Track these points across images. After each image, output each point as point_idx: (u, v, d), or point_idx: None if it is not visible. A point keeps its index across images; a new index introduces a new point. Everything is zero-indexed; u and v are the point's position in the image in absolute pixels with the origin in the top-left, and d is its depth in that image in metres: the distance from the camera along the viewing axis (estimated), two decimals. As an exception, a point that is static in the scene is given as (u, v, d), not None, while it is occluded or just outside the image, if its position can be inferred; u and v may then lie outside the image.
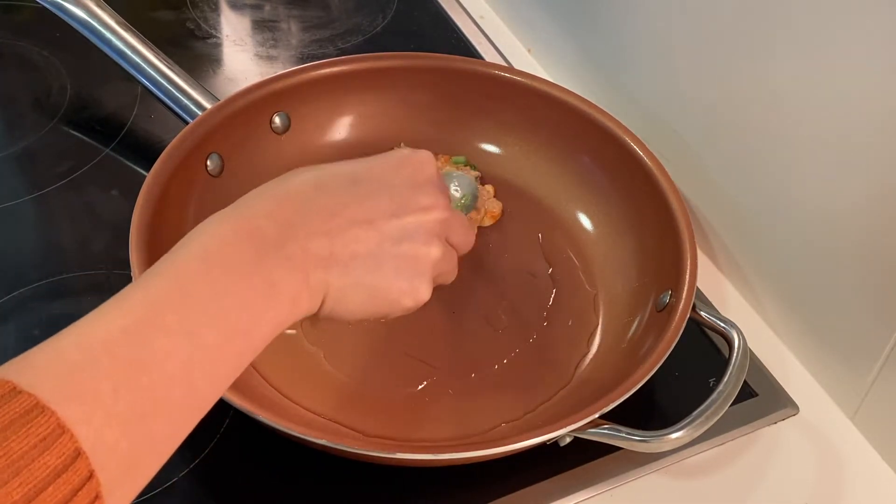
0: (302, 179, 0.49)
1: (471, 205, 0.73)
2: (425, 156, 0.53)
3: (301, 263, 0.46)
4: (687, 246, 0.64)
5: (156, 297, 0.42)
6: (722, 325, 0.61)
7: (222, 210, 0.47)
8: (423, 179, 0.52)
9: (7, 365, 0.37)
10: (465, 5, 0.99)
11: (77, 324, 0.40)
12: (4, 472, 0.33)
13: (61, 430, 0.35)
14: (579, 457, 0.60)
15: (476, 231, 0.70)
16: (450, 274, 0.55)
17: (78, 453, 0.35)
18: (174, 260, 0.44)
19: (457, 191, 0.73)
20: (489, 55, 0.92)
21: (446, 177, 0.73)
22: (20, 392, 0.35)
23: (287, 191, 0.48)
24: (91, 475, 0.36)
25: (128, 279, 0.59)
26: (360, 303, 0.49)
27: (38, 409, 0.35)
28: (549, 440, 0.55)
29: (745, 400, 0.65)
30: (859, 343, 0.62)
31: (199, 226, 0.46)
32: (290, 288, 0.45)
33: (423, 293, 0.51)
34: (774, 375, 0.67)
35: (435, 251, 0.51)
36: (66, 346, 0.39)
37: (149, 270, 0.44)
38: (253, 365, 0.63)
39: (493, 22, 0.98)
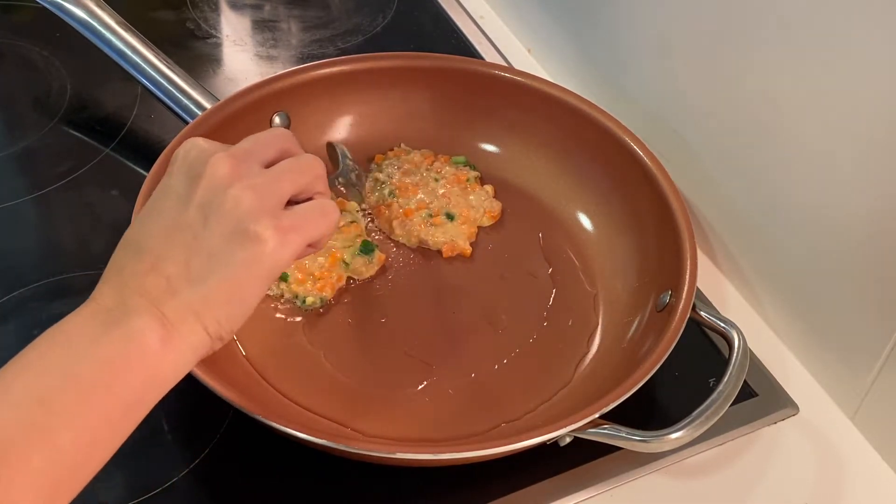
0: (116, 252, 0.50)
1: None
2: (188, 142, 0.51)
3: (149, 308, 0.45)
4: (687, 246, 0.64)
5: (8, 372, 0.43)
6: (722, 325, 0.61)
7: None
8: (192, 160, 0.49)
9: None
10: (465, 5, 0.99)
11: None
12: None
13: None
14: (579, 457, 0.60)
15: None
16: (308, 188, 0.51)
17: None
18: (33, 343, 0.45)
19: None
20: (489, 55, 0.92)
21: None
22: None
23: (109, 268, 0.49)
24: None
25: (128, 279, 0.59)
26: (229, 291, 0.47)
27: None
28: (549, 440, 0.55)
29: (745, 400, 0.65)
30: (859, 343, 0.62)
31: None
32: (150, 332, 0.45)
33: (270, 237, 0.47)
34: (774, 375, 0.67)
35: (241, 198, 0.47)
36: None
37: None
38: (253, 365, 0.63)
39: (493, 22, 0.98)
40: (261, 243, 0.47)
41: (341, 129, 0.78)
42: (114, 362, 0.44)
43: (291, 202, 0.50)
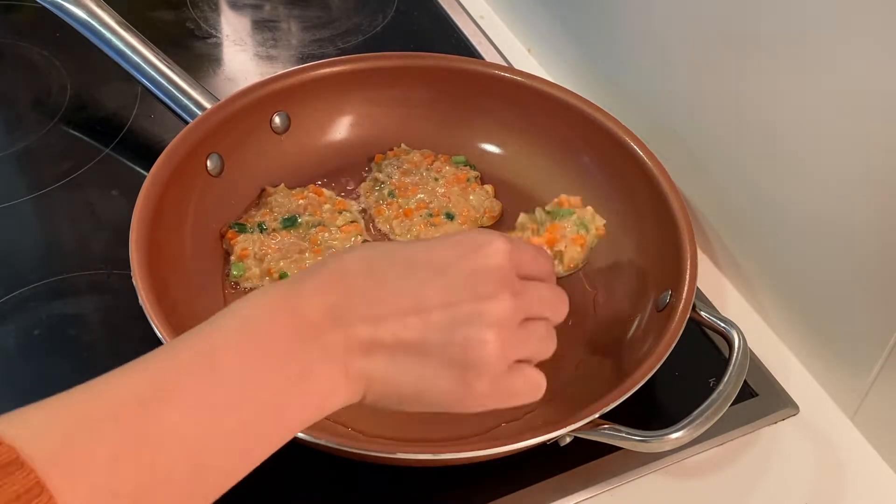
0: (356, 259, 0.45)
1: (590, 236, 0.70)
2: (497, 244, 0.46)
3: (341, 352, 0.43)
4: (687, 246, 0.64)
5: (179, 368, 0.40)
6: (722, 325, 0.61)
7: (272, 284, 0.45)
8: (486, 265, 0.45)
9: (6, 415, 0.36)
10: (465, 5, 0.99)
11: (92, 382, 0.38)
12: None
13: (39, 489, 0.33)
14: (579, 457, 0.60)
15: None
16: (544, 351, 0.49)
17: None
18: (209, 329, 0.42)
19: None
20: (489, 55, 0.92)
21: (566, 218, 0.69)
22: (0, 443, 0.34)
23: (339, 271, 0.45)
24: None
25: (128, 279, 0.59)
26: (406, 395, 0.45)
27: (16, 464, 0.33)
28: (549, 440, 0.55)
29: (745, 400, 0.65)
30: (859, 343, 0.62)
31: (245, 297, 0.44)
32: (325, 379, 0.43)
33: (479, 388, 0.45)
34: (774, 375, 0.67)
35: (492, 342, 0.44)
36: (70, 402, 0.37)
37: (183, 335, 0.41)
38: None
39: (493, 22, 0.98)
40: (469, 389, 0.45)
41: (341, 129, 0.78)
42: (285, 398, 0.41)
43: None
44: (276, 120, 0.75)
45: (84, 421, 0.36)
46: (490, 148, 0.79)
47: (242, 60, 0.92)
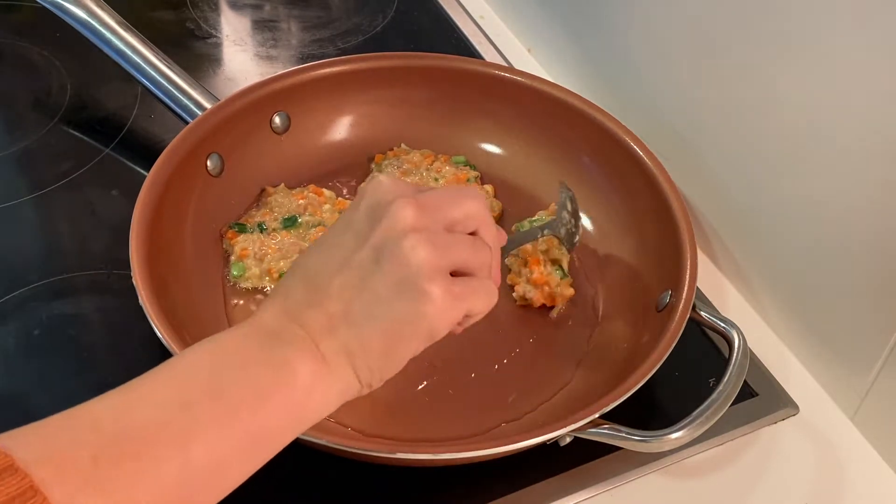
0: (287, 273, 0.49)
1: (538, 237, 0.68)
2: (379, 180, 0.49)
3: (307, 342, 0.45)
4: (687, 246, 0.64)
5: (156, 374, 0.42)
6: (722, 325, 0.61)
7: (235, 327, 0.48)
8: (376, 202, 0.47)
9: (4, 433, 0.38)
10: (465, 5, 0.99)
11: (84, 403, 0.40)
12: None
13: (33, 492, 0.35)
14: (579, 457, 0.60)
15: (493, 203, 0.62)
16: (477, 264, 0.49)
17: None
18: (186, 351, 0.44)
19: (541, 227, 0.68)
20: (489, 55, 0.92)
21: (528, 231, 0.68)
22: None
23: (277, 287, 0.48)
24: None
25: (128, 279, 0.59)
26: (389, 345, 0.46)
27: (10, 469, 0.35)
28: (549, 440, 0.55)
29: (745, 400, 0.65)
30: (859, 343, 0.62)
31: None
32: (303, 365, 0.44)
33: (434, 294, 0.45)
34: (774, 375, 0.67)
35: (420, 253, 0.45)
36: (57, 416, 0.39)
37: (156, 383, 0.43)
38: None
39: (493, 22, 0.98)
40: (428, 301, 0.45)
41: (341, 129, 0.78)
42: (263, 386, 0.43)
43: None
44: (276, 120, 0.75)
45: (65, 424, 0.39)
46: (490, 148, 0.79)
47: (242, 60, 0.92)
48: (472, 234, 0.49)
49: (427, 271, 0.45)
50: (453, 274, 0.47)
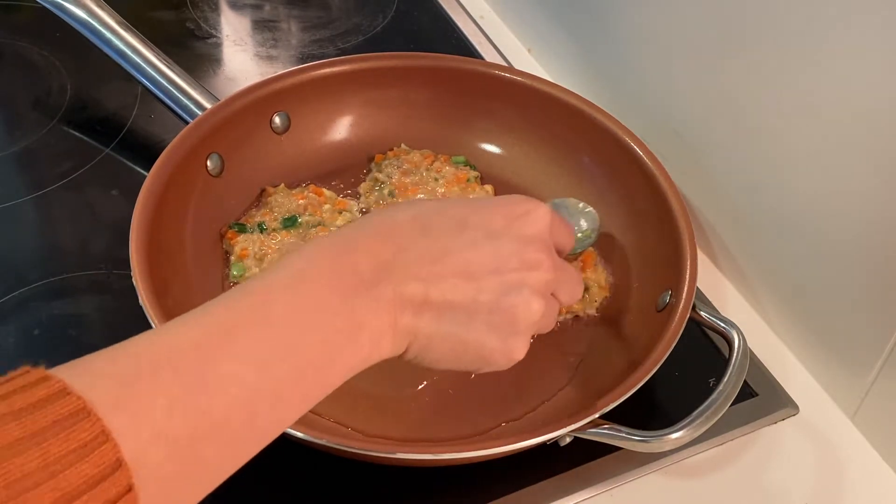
0: (409, 215, 0.47)
1: (594, 239, 0.70)
2: (541, 210, 0.50)
3: (391, 306, 0.44)
4: (687, 246, 0.64)
5: (235, 317, 0.41)
6: (722, 325, 0.61)
7: (324, 236, 0.46)
8: (533, 234, 0.49)
9: (66, 365, 0.36)
10: (465, 5, 0.99)
11: (150, 331, 0.39)
12: (38, 474, 0.32)
13: (104, 437, 0.33)
14: (579, 457, 0.60)
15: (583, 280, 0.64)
16: (548, 326, 0.52)
17: (119, 464, 0.33)
18: (263, 280, 0.43)
19: (584, 224, 0.70)
20: (489, 55, 0.92)
21: (573, 210, 0.70)
22: (69, 393, 0.34)
23: (391, 226, 0.47)
24: (130, 489, 0.34)
25: (128, 279, 0.59)
26: (446, 354, 0.47)
27: (83, 412, 0.34)
28: (549, 440, 0.55)
29: (745, 400, 0.65)
30: (859, 343, 0.62)
31: (300, 249, 0.45)
32: (375, 330, 0.44)
33: (518, 351, 0.48)
34: (774, 375, 0.67)
35: (536, 310, 0.48)
36: (130, 352, 0.38)
37: (238, 286, 0.43)
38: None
39: (493, 22, 0.98)
40: (509, 354, 0.48)
41: (341, 129, 0.78)
42: (335, 350, 0.43)
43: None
44: (276, 120, 0.75)
45: (144, 368, 0.37)
46: (490, 148, 0.79)
47: (242, 60, 0.92)
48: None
49: (530, 328, 0.49)
50: None
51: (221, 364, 0.39)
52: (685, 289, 0.62)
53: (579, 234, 0.69)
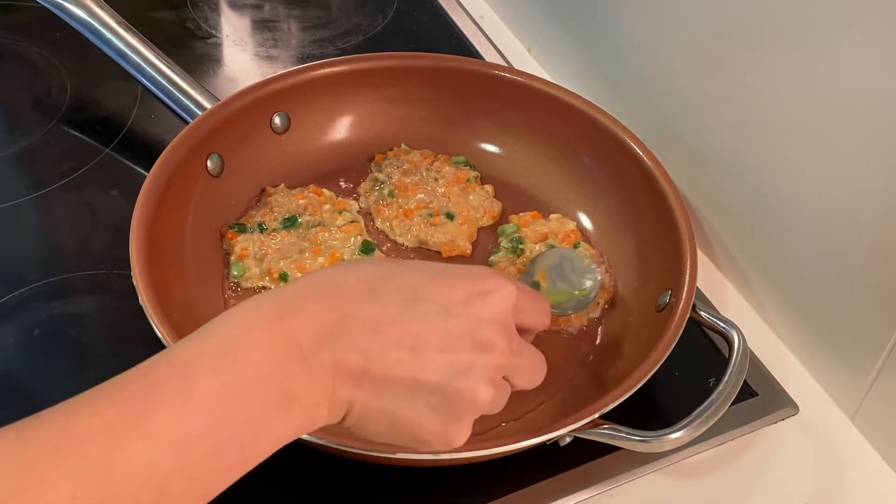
0: (358, 277, 0.44)
1: (591, 300, 0.67)
2: (505, 290, 0.46)
3: (329, 376, 0.42)
4: (687, 246, 0.64)
5: (153, 392, 0.38)
6: (722, 325, 0.61)
7: (265, 294, 0.44)
8: (491, 315, 0.45)
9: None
10: (465, 5, 0.99)
11: (61, 405, 0.37)
12: None
13: None
14: (579, 457, 0.60)
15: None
16: (497, 409, 0.48)
17: None
18: (189, 346, 0.41)
19: (587, 283, 0.67)
20: (489, 55, 0.92)
21: (577, 265, 0.67)
22: None
23: (338, 287, 0.44)
24: None
25: (128, 279, 0.59)
26: (383, 429, 0.45)
27: None
28: (549, 440, 0.55)
29: (745, 400, 0.65)
30: (859, 343, 0.62)
31: (234, 308, 0.42)
32: (308, 400, 0.41)
33: (457, 437, 0.45)
34: (774, 375, 0.67)
35: (483, 396, 0.44)
36: (36, 434, 0.36)
37: (162, 353, 0.40)
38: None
39: (493, 22, 0.98)
40: (447, 438, 0.45)
41: (341, 129, 0.78)
42: (264, 422, 0.40)
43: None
44: (276, 120, 0.75)
45: (49, 454, 0.35)
46: (490, 148, 0.79)
47: (242, 60, 0.92)
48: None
49: (474, 413, 0.45)
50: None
51: (132, 448, 0.36)
52: (685, 289, 0.62)
53: (576, 292, 0.66)
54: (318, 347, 0.42)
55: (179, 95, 0.74)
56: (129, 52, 0.75)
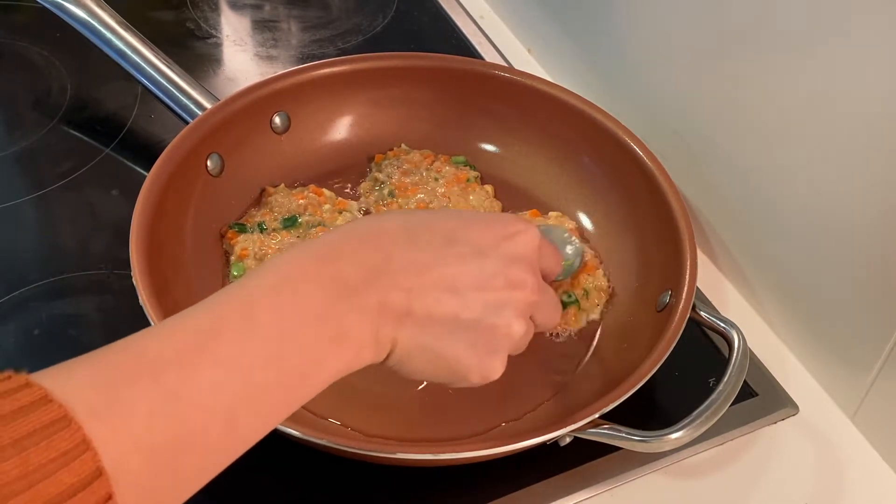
0: (396, 224, 0.47)
1: (576, 268, 0.68)
2: (531, 233, 0.50)
3: (374, 315, 0.44)
4: (687, 246, 0.64)
5: (218, 323, 0.40)
6: (722, 325, 0.61)
7: (309, 241, 0.46)
8: (520, 255, 0.49)
9: (48, 370, 0.36)
10: (465, 5, 0.99)
11: (133, 336, 0.39)
12: (18, 483, 0.32)
13: (85, 446, 0.33)
14: (579, 457, 0.60)
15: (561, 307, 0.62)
16: (522, 348, 0.52)
17: (99, 473, 0.34)
18: (247, 283, 0.42)
19: (569, 251, 0.67)
20: (489, 55, 0.92)
21: (558, 238, 0.68)
22: (50, 401, 0.34)
23: (379, 233, 0.46)
24: (109, 497, 0.34)
25: (128, 279, 0.59)
26: (424, 366, 0.47)
27: (64, 420, 0.34)
28: (549, 440, 0.55)
29: (745, 400, 0.65)
30: (859, 343, 0.62)
31: (284, 252, 0.45)
32: (357, 338, 0.44)
33: (494, 371, 0.48)
34: (774, 375, 0.67)
35: (516, 330, 0.48)
36: (112, 359, 0.38)
37: (223, 289, 0.42)
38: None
39: (493, 22, 0.98)
40: (485, 371, 0.48)
41: (341, 129, 0.78)
42: (319, 357, 0.42)
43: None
44: (276, 120, 0.75)
45: (124, 376, 0.37)
46: (490, 148, 0.79)
47: (242, 60, 0.92)
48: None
49: (508, 348, 0.49)
50: None
51: (203, 372, 0.38)
52: (685, 289, 0.62)
53: (564, 263, 0.66)
54: (363, 287, 0.44)
55: (179, 95, 0.74)
56: (129, 52, 0.75)
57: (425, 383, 0.64)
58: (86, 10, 0.76)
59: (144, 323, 0.57)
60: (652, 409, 0.63)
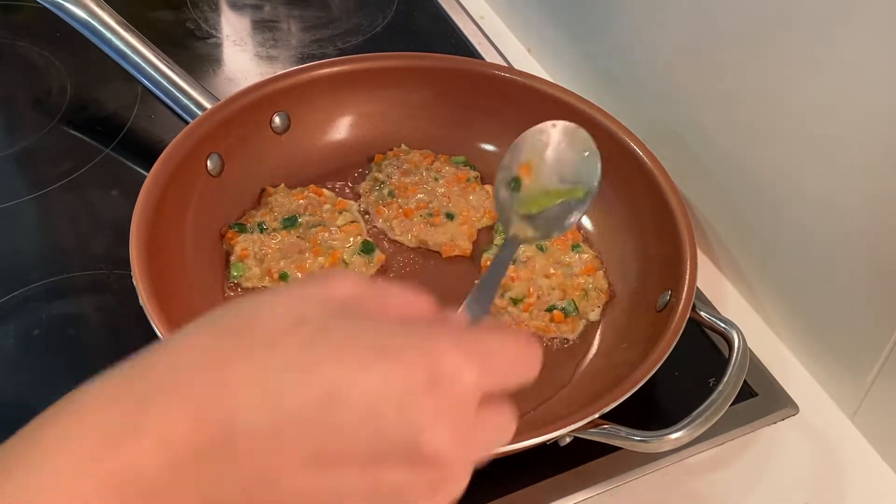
0: (250, 348, 0.32)
1: (586, 205, 0.54)
2: (460, 377, 0.32)
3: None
4: (687, 246, 0.64)
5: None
6: (722, 325, 0.61)
7: (111, 375, 0.34)
8: (431, 420, 0.32)
9: None
10: (465, 5, 0.99)
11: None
12: None
13: None
14: (579, 457, 0.60)
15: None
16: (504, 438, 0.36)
17: None
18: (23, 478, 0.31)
19: (593, 169, 0.54)
20: (489, 55, 0.92)
21: (574, 148, 0.53)
22: None
23: (218, 370, 0.31)
24: None
25: (128, 279, 0.59)
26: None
27: None
28: (549, 440, 0.55)
29: (745, 400, 0.65)
30: (859, 343, 0.62)
31: (73, 403, 0.33)
32: None
33: None
34: (774, 375, 0.67)
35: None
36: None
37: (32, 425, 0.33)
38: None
39: (493, 22, 0.98)
40: None
41: (341, 129, 0.78)
42: None
43: None
44: (276, 120, 0.75)
45: None
46: (490, 148, 0.79)
47: (242, 60, 0.92)
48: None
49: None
50: None
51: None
52: (685, 289, 0.62)
53: (578, 187, 0.53)
54: (172, 485, 0.29)
55: (179, 95, 0.74)
56: (129, 52, 0.75)
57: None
58: (86, 10, 0.76)
59: (145, 323, 0.57)
60: (652, 409, 0.63)
